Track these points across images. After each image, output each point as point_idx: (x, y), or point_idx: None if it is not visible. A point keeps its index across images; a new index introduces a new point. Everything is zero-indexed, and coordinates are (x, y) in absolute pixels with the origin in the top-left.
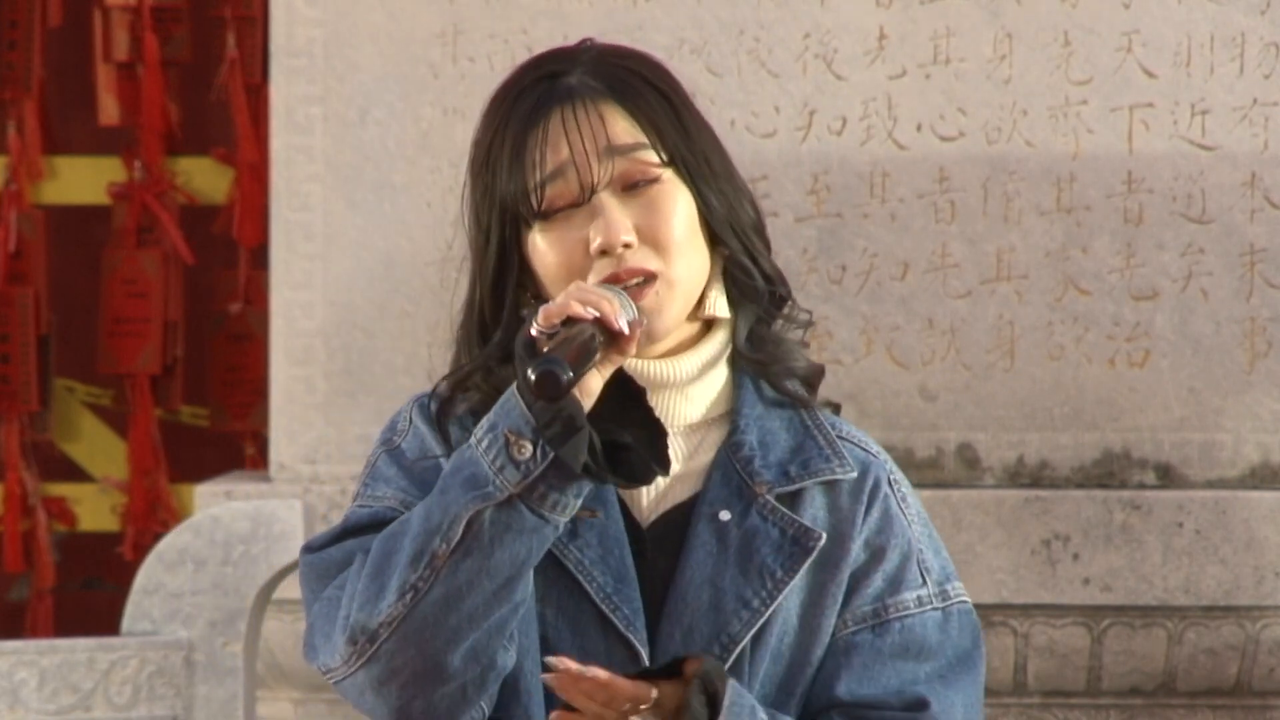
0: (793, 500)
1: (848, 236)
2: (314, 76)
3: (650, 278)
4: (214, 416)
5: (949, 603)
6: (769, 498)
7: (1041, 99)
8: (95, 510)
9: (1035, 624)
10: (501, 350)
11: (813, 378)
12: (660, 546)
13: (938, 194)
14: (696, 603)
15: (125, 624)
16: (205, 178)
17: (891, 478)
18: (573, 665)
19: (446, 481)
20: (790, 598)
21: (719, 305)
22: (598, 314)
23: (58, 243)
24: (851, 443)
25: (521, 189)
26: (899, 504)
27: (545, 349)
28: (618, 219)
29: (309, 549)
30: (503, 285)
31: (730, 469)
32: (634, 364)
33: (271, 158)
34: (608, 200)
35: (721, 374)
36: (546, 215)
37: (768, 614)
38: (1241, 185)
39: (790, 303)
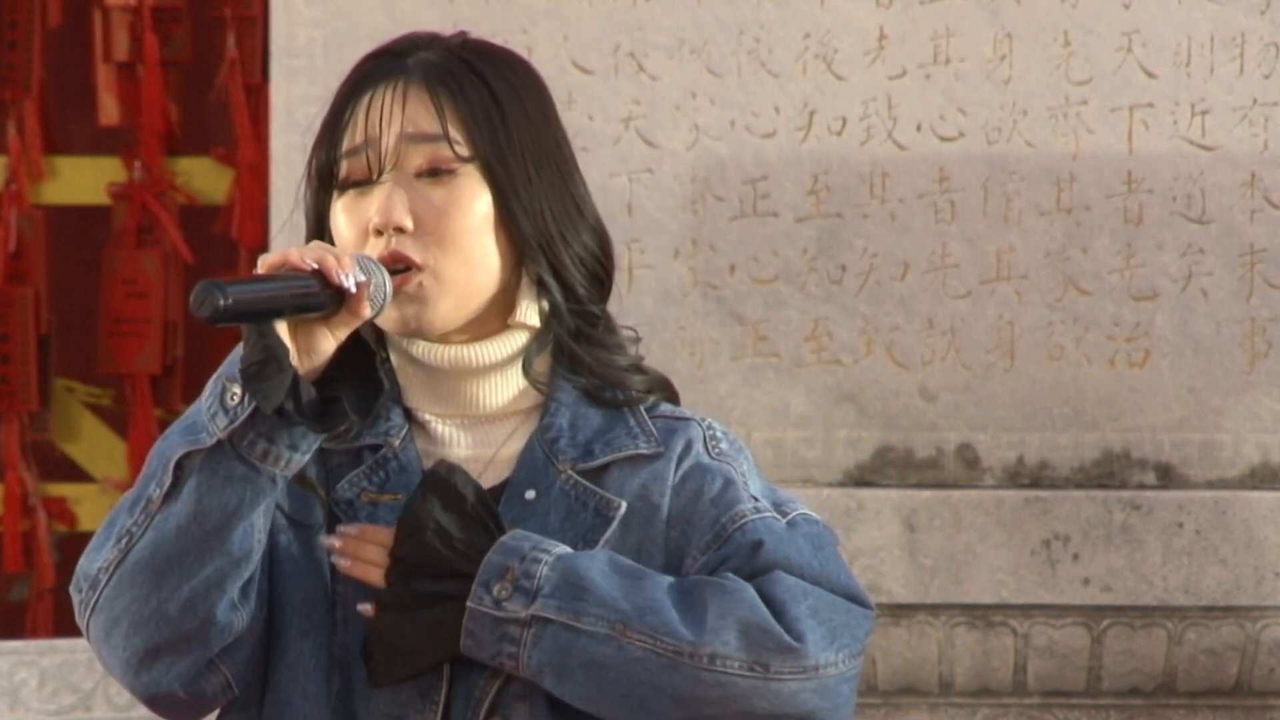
0: (598, 475)
1: (848, 236)
2: (314, 76)
3: (412, 267)
4: None
5: (791, 514)
6: (572, 473)
7: (1041, 99)
8: (95, 510)
9: (1035, 624)
10: None
11: (655, 390)
12: None
13: (938, 194)
14: None
15: None
16: (205, 178)
17: (708, 434)
18: (348, 533)
19: (170, 430)
20: None
21: (529, 315)
22: (316, 266)
23: (58, 243)
24: (666, 418)
25: (328, 158)
26: (712, 453)
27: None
28: (395, 202)
29: None
30: None
31: (537, 452)
32: (430, 347)
33: (271, 158)
34: (395, 183)
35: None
36: (344, 187)
37: None
38: (1241, 185)
39: (601, 320)
